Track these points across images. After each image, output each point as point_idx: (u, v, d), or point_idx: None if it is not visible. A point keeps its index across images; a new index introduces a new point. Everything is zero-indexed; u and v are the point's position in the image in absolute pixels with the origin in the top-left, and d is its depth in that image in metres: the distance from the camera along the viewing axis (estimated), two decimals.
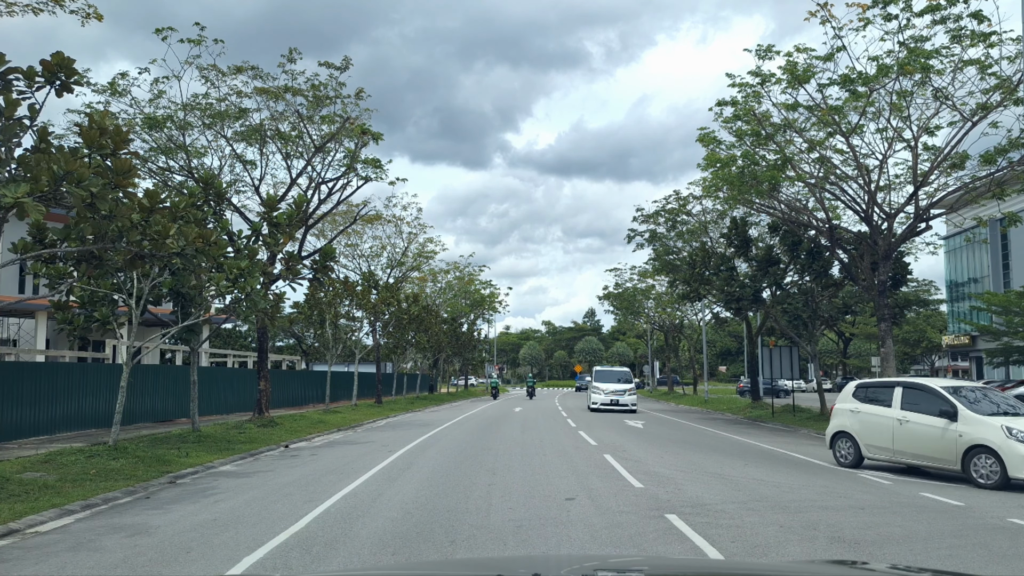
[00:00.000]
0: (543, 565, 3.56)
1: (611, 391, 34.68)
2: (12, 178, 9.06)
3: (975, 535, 8.20)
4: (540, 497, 10.16)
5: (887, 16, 19.86)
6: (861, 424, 14.56)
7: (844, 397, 15.39)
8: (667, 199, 37.87)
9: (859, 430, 14.59)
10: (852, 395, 15.17)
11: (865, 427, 14.46)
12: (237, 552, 7.30)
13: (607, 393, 34.62)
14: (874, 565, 2.75)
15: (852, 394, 15.18)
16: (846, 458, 14.81)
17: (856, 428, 14.66)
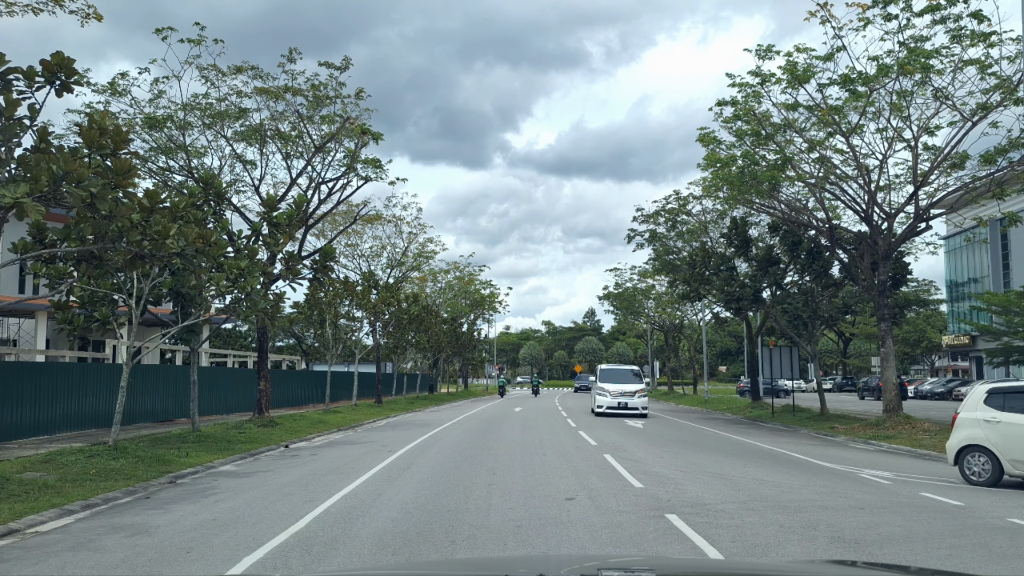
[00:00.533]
0: (543, 565, 3.56)
1: (619, 392, 30.60)
2: (12, 178, 9.06)
3: (975, 535, 8.20)
4: (540, 497, 10.16)
5: (887, 16, 19.86)
6: (1002, 436, 12.56)
7: (973, 404, 13.26)
8: (667, 199, 37.89)
9: (1000, 443, 12.60)
10: (985, 402, 13.06)
11: (1008, 439, 12.48)
12: (237, 552, 7.30)
13: (614, 395, 30.54)
14: (874, 565, 2.75)
15: (984, 400, 13.08)
16: (980, 475, 12.77)
17: (995, 441, 12.65)
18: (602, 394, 30.86)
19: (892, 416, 22.36)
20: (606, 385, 31.21)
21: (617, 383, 31.33)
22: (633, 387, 30.87)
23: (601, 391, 31.10)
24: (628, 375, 32.34)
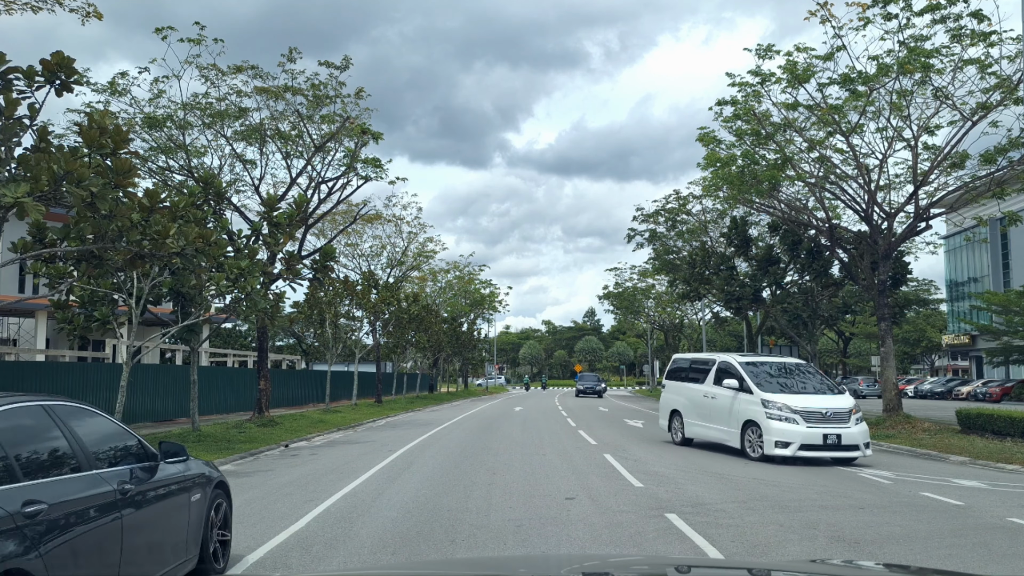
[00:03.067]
0: (543, 565, 3.56)
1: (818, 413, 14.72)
2: (12, 178, 9.06)
3: (975, 534, 8.20)
4: (540, 496, 10.16)
5: (887, 15, 19.85)
6: None
7: None
8: (667, 199, 37.94)
9: None
10: None
11: None
12: (236, 551, 7.30)
13: (811, 420, 14.63)
14: (873, 565, 2.75)
15: None
16: None
17: None
18: (778, 415, 14.75)
19: (892, 415, 22.37)
20: (780, 398, 15.06)
21: (799, 392, 15.57)
22: (838, 401, 15.29)
23: (774, 410, 14.85)
24: (806, 375, 16.67)
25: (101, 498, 4.59)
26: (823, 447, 14.43)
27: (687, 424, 17.58)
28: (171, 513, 5.54)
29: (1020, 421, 18.26)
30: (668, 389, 19.18)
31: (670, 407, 18.69)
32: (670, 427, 18.62)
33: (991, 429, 19.16)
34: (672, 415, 18.54)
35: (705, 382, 17.01)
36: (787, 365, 17.02)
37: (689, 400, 17.64)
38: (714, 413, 16.42)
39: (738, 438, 15.38)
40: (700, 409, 17.06)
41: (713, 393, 16.53)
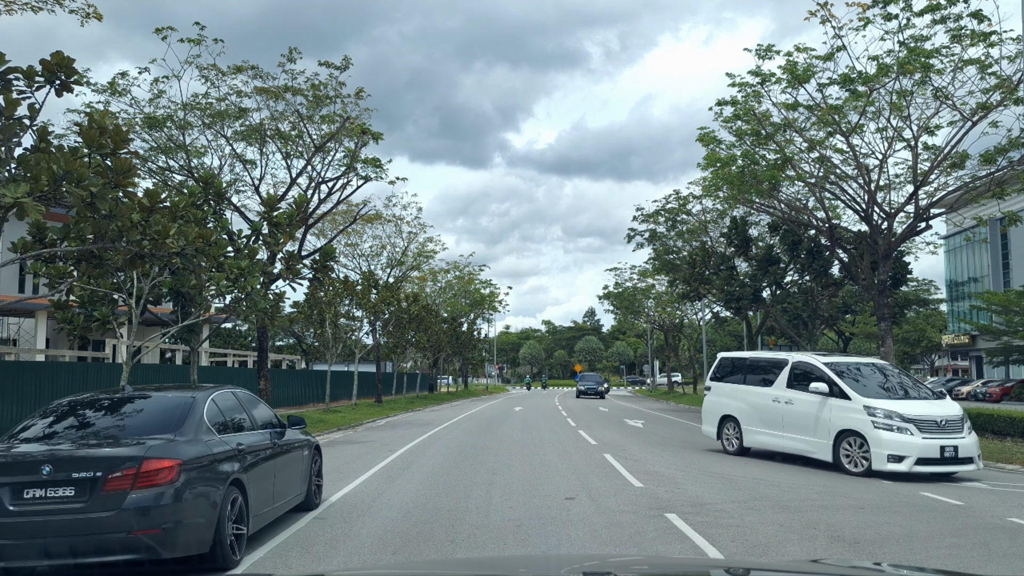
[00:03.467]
0: (543, 565, 3.57)
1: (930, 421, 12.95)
2: (12, 178, 9.06)
3: (975, 534, 8.20)
4: (540, 496, 10.16)
5: (887, 16, 19.86)
6: None
7: None
8: (667, 199, 37.91)
9: None
10: None
11: None
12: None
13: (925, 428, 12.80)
14: (873, 565, 2.75)
15: None
16: None
17: None
18: (887, 425, 12.75)
19: None
20: (887, 404, 13.10)
21: (902, 397, 13.63)
22: (948, 408, 13.47)
23: (881, 419, 12.81)
24: (897, 377, 14.72)
25: (264, 446, 7.81)
26: (940, 461, 12.46)
27: (747, 432, 15.46)
28: (294, 461, 8.67)
29: (1020, 421, 18.27)
30: (716, 392, 16.81)
31: (720, 412, 16.36)
32: (720, 434, 16.34)
33: (991, 429, 19.16)
34: (723, 421, 16.22)
35: (774, 385, 14.95)
36: (875, 365, 14.90)
37: (750, 405, 15.50)
38: (790, 421, 14.30)
39: (829, 450, 13.27)
40: (766, 415, 14.98)
41: (788, 398, 14.47)
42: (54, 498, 5.87)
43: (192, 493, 6.21)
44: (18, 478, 5.93)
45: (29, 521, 5.79)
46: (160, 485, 6.01)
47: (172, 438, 6.48)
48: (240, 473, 6.91)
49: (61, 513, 5.82)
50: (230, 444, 7.05)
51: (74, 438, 6.55)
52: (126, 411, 7.20)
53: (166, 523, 5.97)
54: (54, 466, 5.92)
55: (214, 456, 6.65)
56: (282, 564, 6.82)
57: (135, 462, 6.01)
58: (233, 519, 6.72)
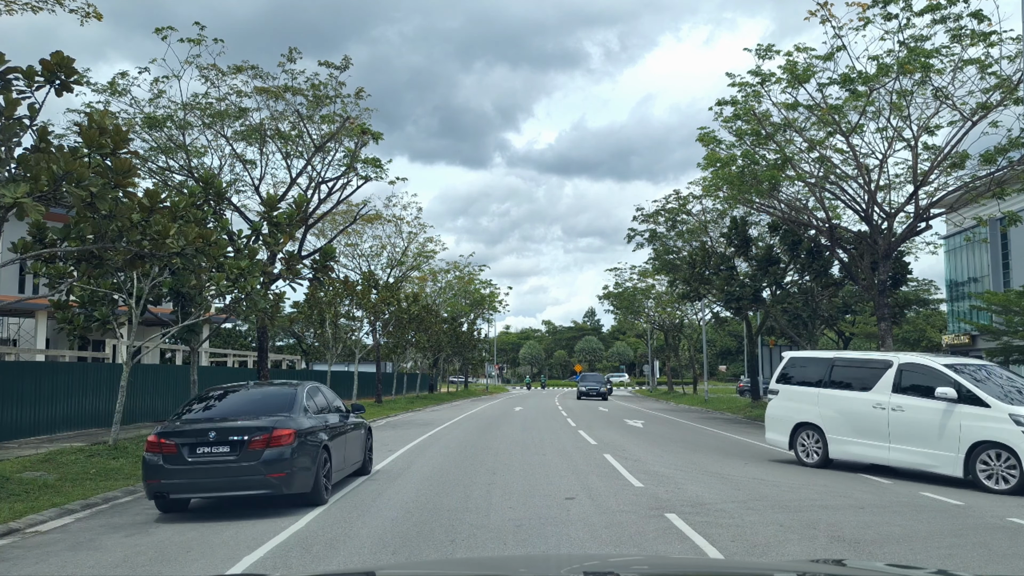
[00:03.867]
0: (543, 565, 3.56)
1: None
2: (12, 178, 9.06)
3: (975, 534, 8.20)
4: (540, 496, 10.16)
5: (887, 15, 19.85)
6: None
7: None
8: (667, 199, 37.87)
9: None
10: None
11: None
12: (237, 551, 7.31)
13: None
14: (873, 564, 2.75)
15: None
16: None
17: None
18: None
19: None
20: None
21: None
22: None
23: None
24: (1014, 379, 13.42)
25: (339, 424, 10.76)
26: None
27: (834, 442, 13.85)
28: (357, 437, 11.92)
29: None
30: (786, 396, 14.97)
31: (793, 419, 14.60)
32: (793, 443, 14.58)
33: None
34: (799, 430, 14.50)
35: (874, 389, 13.35)
36: (986, 368, 13.49)
37: (839, 412, 13.87)
38: (900, 430, 12.77)
39: (959, 464, 11.91)
40: (863, 424, 13.40)
41: (896, 404, 12.89)
42: (216, 453, 9.04)
43: (302, 452, 9.30)
44: (193, 440, 9.10)
45: (201, 468, 8.98)
46: (284, 446, 9.11)
47: (288, 415, 9.56)
48: (328, 441, 10.09)
49: (221, 463, 8.98)
50: (320, 421, 10.20)
51: (224, 414, 9.74)
52: (252, 397, 10.45)
53: (287, 470, 9.05)
54: (216, 433, 9.09)
55: (313, 428, 9.76)
56: (282, 563, 6.82)
57: (268, 430, 9.13)
58: (324, 473, 9.78)
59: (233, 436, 9.11)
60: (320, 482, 9.64)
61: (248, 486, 9.09)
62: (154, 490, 9.19)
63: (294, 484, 9.20)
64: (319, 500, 9.65)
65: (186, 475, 9.02)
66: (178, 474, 9.04)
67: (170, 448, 9.14)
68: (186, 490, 9.23)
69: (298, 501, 9.61)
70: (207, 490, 9.19)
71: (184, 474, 9.02)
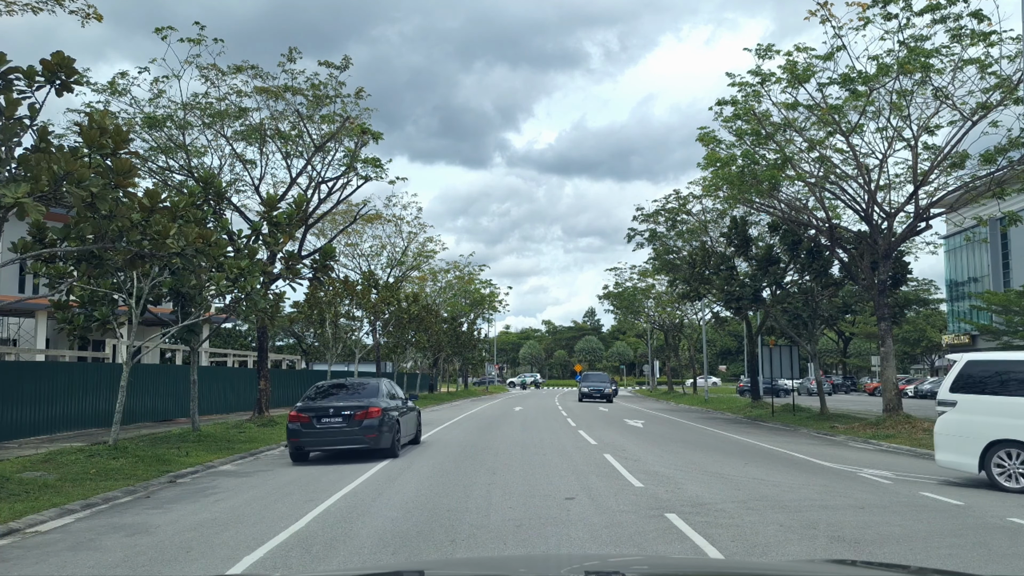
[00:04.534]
0: (543, 565, 3.56)
1: None
2: (12, 178, 9.06)
3: (975, 534, 8.20)
4: (540, 496, 10.16)
5: (887, 15, 19.85)
6: None
7: None
8: (667, 198, 37.87)
9: None
10: None
11: None
12: (237, 551, 7.31)
13: None
14: (872, 564, 2.75)
15: None
16: None
17: None
18: None
19: (892, 415, 22.37)
20: None
21: None
22: None
23: None
24: None
25: (402, 407, 16.08)
26: None
27: None
28: (413, 416, 17.13)
29: None
30: (970, 408, 12.39)
31: (986, 436, 12.03)
32: (986, 465, 11.99)
33: None
34: (994, 448, 11.93)
35: None
36: None
37: None
38: None
39: None
40: None
41: None
42: (334, 423, 14.34)
43: (385, 423, 14.51)
44: (319, 414, 14.41)
45: (325, 431, 14.33)
46: (375, 418, 14.32)
47: (376, 399, 14.85)
48: (398, 417, 15.36)
49: (337, 428, 14.31)
50: (393, 404, 15.50)
51: (338, 397, 15.04)
52: (351, 387, 15.95)
53: (377, 433, 14.29)
54: (334, 410, 14.40)
55: (390, 408, 15.05)
56: (282, 563, 6.82)
57: (365, 408, 14.39)
58: (396, 438, 14.91)
59: (344, 412, 14.53)
60: (395, 442, 14.93)
61: (353, 442, 14.44)
62: (295, 446, 14.64)
63: (380, 442, 14.50)
64: (395, 454, 14.86)
65: (315, 435, 14.46)
66: (310, 435, 14.46)
67: (305, 419, 14.46)
68: (315, 445, 14.73)
69: (382, 454, 14.75)
70: (328, 445, 14.68)
71: (314, 435, 14.45)
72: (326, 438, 14.46)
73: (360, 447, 14.46)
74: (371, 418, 14.40)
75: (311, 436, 14.41)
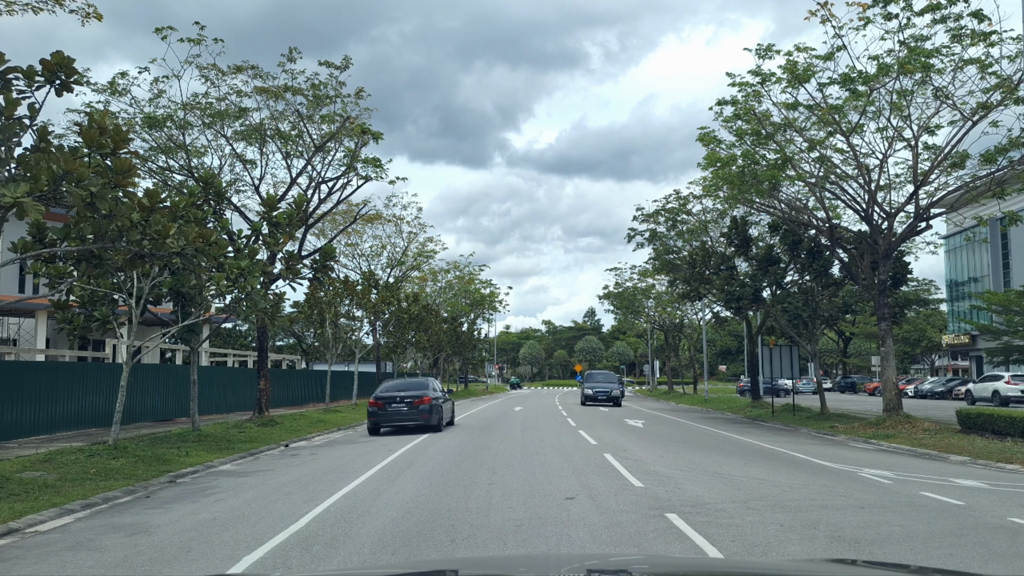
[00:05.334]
0: (543, 564, 3.56)
1: None
2: (12, 178, 9.05)
3: (975, 534, 8.19)
4: (540, 496, 10.15)
5: (887, 15, 19.84)
6: None
7: None
8: (667, 198, 37.86)
9: None
10: None
11: None
12: (237, 551, 7.30)
13: None
14: (872, 564, 2.75)
15: None
16: None
17: None
18: None
19: (892, 415, 22.35)
20: None
21: None
22: None
23: None
24: None
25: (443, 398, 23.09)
26: None
27: None
28: (450, 406, 24.40)
29: (1020, 421, 18.25)
30: None
31: None
32: None
33: (991, 429, 19.15)
34: None
35: None
36: None
37: None
38: None
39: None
40: None
41: None
42: (399, 407, 20.96)
43: (434, 407, 21.13)
44: (389, 401, 21.11)
45: (392, 413, 20.99)
46: (427, 404, 20.93)
47: (427, 391, 21.38)
48: (442, 404, 22.03)
49: (402, 411, 20.93)
50: (438, 395, 22.08)
51: (400, 388, 21.71)
52: (410, 383, 22.40)
53: (429, 415, 20.95)
54: (399, 398, 21.05)
55: (437, 398, 21.78)
56: (282, 563, 6.82)
57: (421, 396, 21.06)
58: (440, 418, 21.53)
59: (407, 399, 21.01)
60: (441, 421, 21.69)
61: (412, 421, 20.88)
62: (372, 422, 21.24)
63: (430, 421, 20.96)
64: (440, 429, 21.36)
65: (386, 416, 21.04)
66: (383, 415, 21.07)
67: (379, 405, 21.10)
68: (386, 422, 21.14)
69: (431, 429, 21.10)
70: (395, 422, 21.05)
71: (386, 415, 21.04)
72: (394, 417, 21.06)
73: (417, 424, 20.92)
74: (424, 404, 21.01)
75: (383, 416, 21.10)
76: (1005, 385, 37.18)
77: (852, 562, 4.62)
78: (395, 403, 20.87)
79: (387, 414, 20.85)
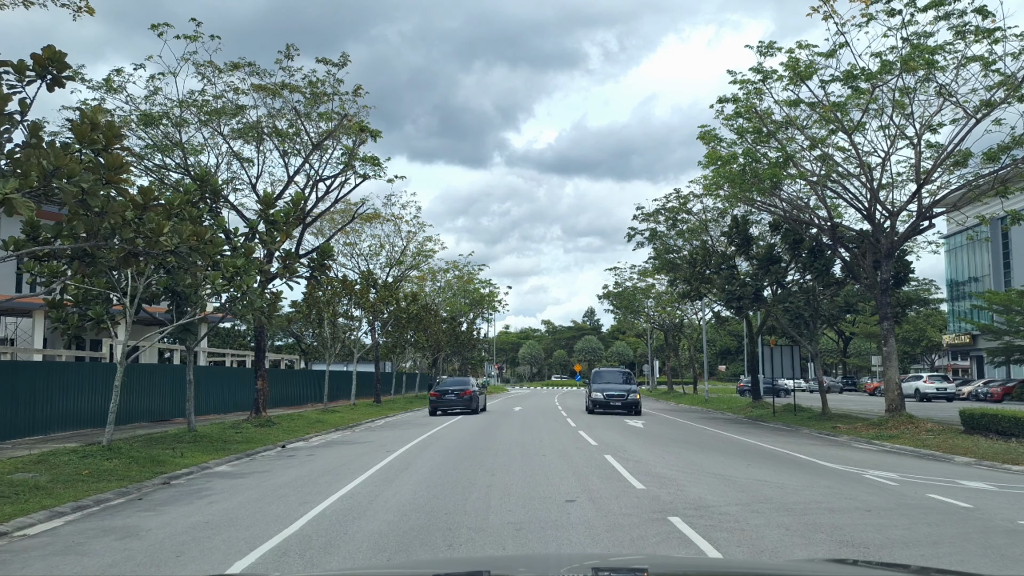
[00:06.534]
0: (543, 564, 3.40)
1: None
2: (1, 174, 8.88)
3: (983, 537, 8.03)
4: (540, 499, 9.99)
5: (890, 12, 19.67)
6: None
7: None
8: (667, 197, 37.68)
9: None
10: None
11: None
12: (230, 555, 7.14)
13: None
14: (872, 564, 2.60)
15: None
16: None
17: None
18: None
19: (895, 416, 22.20)
20: None
21: None
22: None
23: None
24: None
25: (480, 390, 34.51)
26: None
27: None
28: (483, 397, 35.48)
29: None
30: None
31: None
32: None
33: (995, 429, 19.00)
34: None
35: None
36: None
37: None
38: None
39: None
40: None
41: None
42: (453, 396, 31.61)
43: (475, 396, 32.00)
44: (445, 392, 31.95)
45: (448, 400, 31.57)
46: (470, 395, 31.62)
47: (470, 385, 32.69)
48: (479, 394, 33.21)
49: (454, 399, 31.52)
50: (476, 388, 33.04)
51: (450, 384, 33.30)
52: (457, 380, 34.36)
53: (472, 401, 31.62)
54: (451, 390, 32.08)
55: (476, 389, 32.95)
56: (276, 567, 6.65)
57: (466, 388, 32.19)
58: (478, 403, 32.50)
59: (457, 392, 31.58)
60: (479, 406, 32.42)
61: (460, 405, 31.00)
62: (433, 407, 31.12)
63: (471, 405, 31.14)
64: (477, 412, 31.33)
65: (443, 403, 31.21)
66: (440, 402, 31.23)
67: (438, 395, 31.48)
68: (442, 407, 31.17)
69: (472, 412, 31.02)
70: (448, 408, 31.17)
71: (442, 402, 31.22)
72: (448, 404, 31.06)
73: (464, 408, 30.87)
74: (467, 395, 31.18)
75: (441, 402, 31.08)
76: (924, 384, 45.49)
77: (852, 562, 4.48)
78: (448, 394, 31.21)
79: (443, 402, 31.02)
